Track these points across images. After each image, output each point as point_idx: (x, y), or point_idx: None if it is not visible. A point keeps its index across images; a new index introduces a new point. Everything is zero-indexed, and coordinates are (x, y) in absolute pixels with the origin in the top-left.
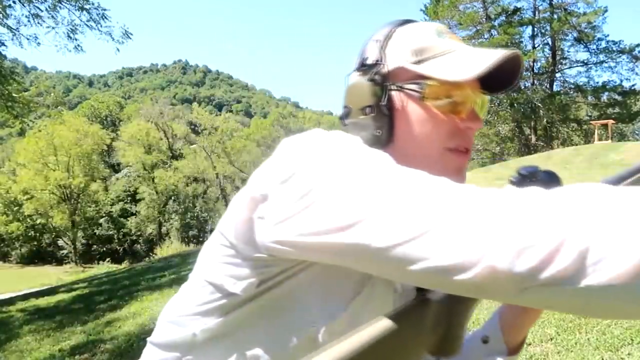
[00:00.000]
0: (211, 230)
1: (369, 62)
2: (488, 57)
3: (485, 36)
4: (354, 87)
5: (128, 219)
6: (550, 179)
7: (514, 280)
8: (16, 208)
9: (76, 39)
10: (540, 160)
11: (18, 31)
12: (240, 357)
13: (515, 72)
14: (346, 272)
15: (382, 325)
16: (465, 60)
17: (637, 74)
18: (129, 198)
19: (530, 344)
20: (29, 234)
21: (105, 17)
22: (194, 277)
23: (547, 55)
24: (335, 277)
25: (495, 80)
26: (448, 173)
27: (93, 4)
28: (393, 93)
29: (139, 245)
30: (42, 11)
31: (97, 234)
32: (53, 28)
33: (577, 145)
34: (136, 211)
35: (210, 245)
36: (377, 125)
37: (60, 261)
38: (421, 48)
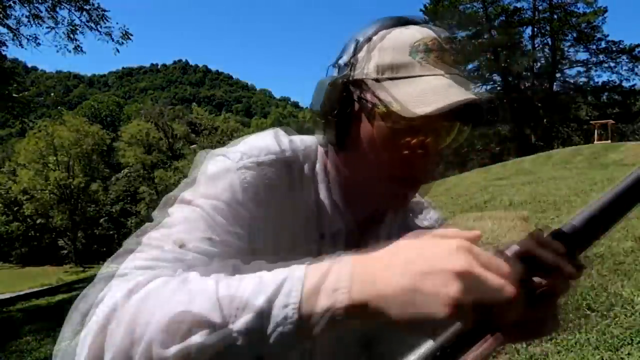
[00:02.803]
0: None
1: (341, 62)
2: (442, 98)
3: (485, 36)
4: (320, 84)
5: (128, 219)
6: None
7: None
8: (16, 208)
9: (76, 40)
10: (541, 160)
11: (18, 31)
12: None
13: (484, 111)
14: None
15: None
16: (420, 94)
17: (636, 74)
18: (129, 198)
19: (530, 344)
20: (29, 234)
21: (105, 18)
22: None
23: (547, 56)
24: None
25: (468, 112)
26: (388, 199)
27: (93, 4)
28: (354, 101)
29: None
30: (41, 12)
31: (97, 234)
32: (53, 28)
33: (577, 145)
34: (136, 211)
35: None
36: (329, 129)
37: (60, 261)
38: (385, 66)
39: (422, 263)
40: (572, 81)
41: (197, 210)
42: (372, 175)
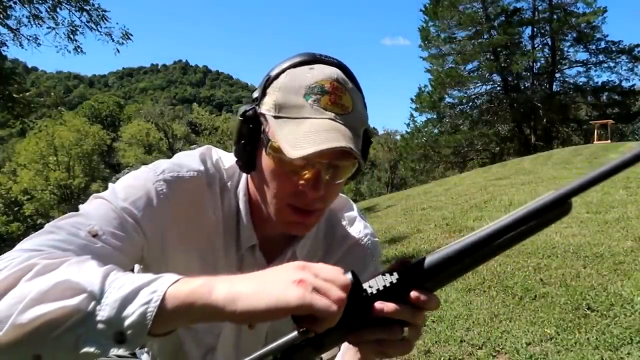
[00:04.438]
0: None
1: (254, 95)
2: (318, 143)
3: (485, 36)
4: (237, 112)
5: None
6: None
7: None
8: (16, 208)
9: (76, 40)
10: (540, 160)
11: (18, 31)
12: None
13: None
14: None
15: None
16: (302, 136)
17: (636, 74)
18: None
19: (530, 344)
20: (30, 235)
21: (105, 19)
22: None
23: (547, 56)
24: None
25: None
26: (286, 225)
27: (93, 5)
28: (257, 132)
29: None
30: (42, 12)
31: None
32: (53, 29)
33: (576, 145)
34: None
35: None
36: (238, 155)
37: None
38: (281, 104)
39: (271, 269)
40: (571, 81)
41: (114, 208)
42: (270, 201)
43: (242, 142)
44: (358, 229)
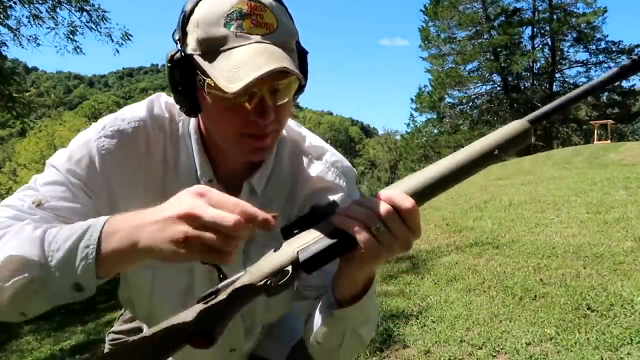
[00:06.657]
0: None
1: (175, 37)
2: (252, 70)
3: (485, 36)
4: (167, 61)
5: None
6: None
7: None
8: None
9: (76, 40)
10: (540, 160)
11: (18, 31)
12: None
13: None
14: None
15: None
16: (234, 67)
17: (636, 74)
18: None
19: (529, 344)
20: None
21: (105, 19)
22: None
23: (547, 56)
24: None
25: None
26: (245, 154)
27: (93, 5)
28: (190, 75)
29: None
30: (42, 12)
31: None
32: (53, 29)
33: (576, 145)
34: None
35: None
36: (179, 100)
37: None
38: (205, 39)
39: (155, 212)
40: (571, 81)
41: (60, 172)
42: (224, 137)
43: (179, 88)
44: (324, 160)
